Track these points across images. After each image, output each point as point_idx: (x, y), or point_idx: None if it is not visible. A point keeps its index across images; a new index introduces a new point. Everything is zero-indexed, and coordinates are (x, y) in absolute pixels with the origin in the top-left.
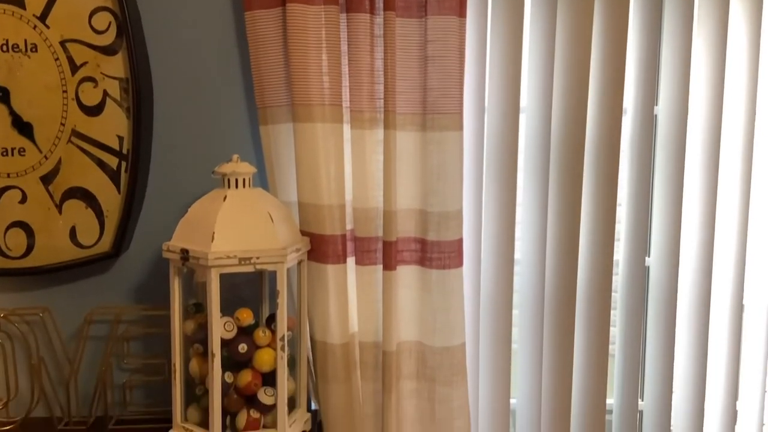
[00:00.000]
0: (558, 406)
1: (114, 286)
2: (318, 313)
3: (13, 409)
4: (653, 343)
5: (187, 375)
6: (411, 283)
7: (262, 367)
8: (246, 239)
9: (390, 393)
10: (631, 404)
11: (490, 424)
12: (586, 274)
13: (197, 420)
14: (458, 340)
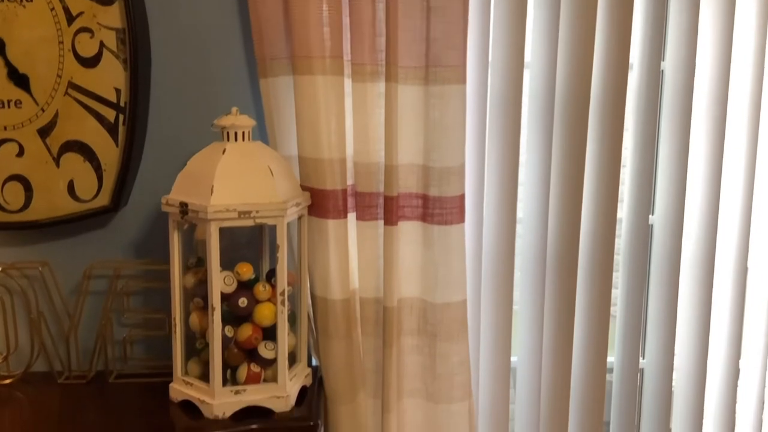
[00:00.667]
0: (558, 365)
1: (113, 240)
2: (318, 269)
3: (14, 363)
4: (655, 302)
5: (188, 329)
6: (412, 239)
7: (262, 322)
8: (245, 193)
9: (390, 348)
10: (632, 363)
11: (491, 381)
12: (589, 233)
13: (198, 373)
14: (459, 296)
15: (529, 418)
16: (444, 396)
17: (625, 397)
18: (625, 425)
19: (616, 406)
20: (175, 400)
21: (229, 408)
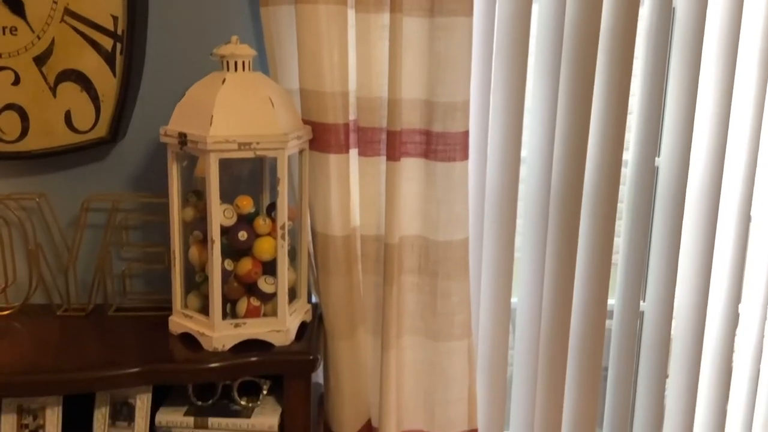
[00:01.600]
0: (559, 307)
1: (111, 173)
2: (319, 204)
3: (12, 296)
4: (657, 246)
5: (187, 263)
6: (415, 176)
7: (262, 256)
8: (246, 124)
9: (391, 286)
10: (633, 307)
11: (491, 322)
12: (594, 175)
13: (197, 307)
14: (461, 234)
15: (527, 360)
16: (444, 334)
17: (624, 341)
18: (624, 369)
19: (615, 350)
20: (175, 333)
21: (229, 341)
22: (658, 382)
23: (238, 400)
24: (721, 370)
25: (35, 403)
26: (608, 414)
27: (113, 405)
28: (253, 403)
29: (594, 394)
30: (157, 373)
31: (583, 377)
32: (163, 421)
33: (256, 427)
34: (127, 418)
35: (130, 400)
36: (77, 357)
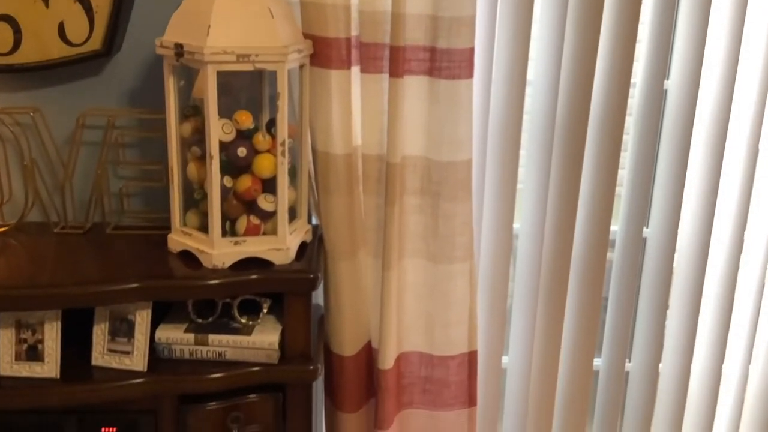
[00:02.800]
0: (562, 232)
1: (107, 88)
2: (320, 122)
3: (8, 213)
4: (664, 170)
5: (186, 180)
6: (418, 94)
7: (261, 173)
8: (244, 35)
9: (393, 206)
10: (636, 231)
11: (493, 245)
12: (601, 99)
13: (196, 225)
14: (465, 155)
15: (528, 286)
16: (445, 256)
17: (626, 271)
18: (625, 301)
19: (616, 280)
20: (174, 251)
21: (229, 258)
22: (658, 312)
23: (238, 318)
24: (723, 303)
25: (33, 318)
26: (607, 342)
27: (112, 321)
28: (254, 322)
29: (594, 322)
30: (156, 289)
31: (583, 305)
32: (163, 337)
33: (257, 344)
34: (126, 335)
35: (129, 316)
36: (75, 273)
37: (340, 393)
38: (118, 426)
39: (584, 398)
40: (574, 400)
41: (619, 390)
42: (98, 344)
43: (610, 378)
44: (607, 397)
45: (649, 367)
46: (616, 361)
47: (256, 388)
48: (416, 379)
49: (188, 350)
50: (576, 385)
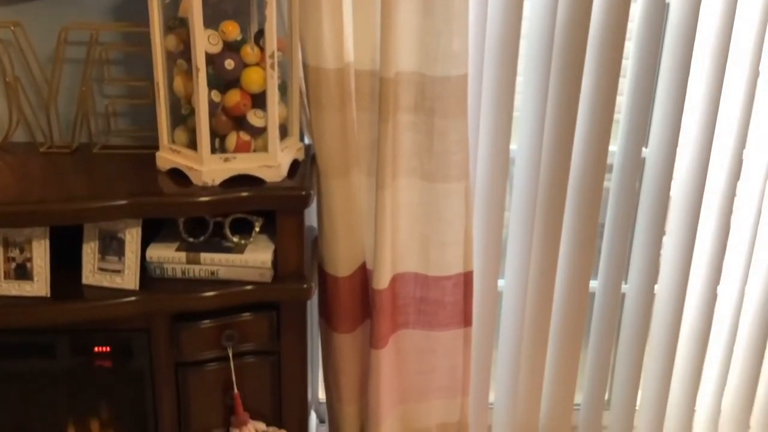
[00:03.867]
0: (559, 154)
1: (90, 1)
2: (310, 35)
3: None
4: (663, 92)
5: (173, 96)
6: (412, 6)
7: (250, 87)
8: None
9: (386, 123)
10: (635, 151)
11: (489, 165)
12: (601, 11)
13: (185, 142)
14: (461, 70)
15: (524, 207)
16: (440, 175)
17: (624, 193)
18: (622, 228)
19: (614, 203)
20: (163, 169)
21: (219, 175)
22: (655, 235)
23: (230, 237)
24: (720, 225)
25: (21, 236)
26: (603, 265)
27: (102, 239)
28: (246, 240)
29: (590, 244)
30: (144, 206)
31: (580, 227)
32: (155, 256)
33: (249, 262)
34: (117, 253)
35: (119, 234)
36: (62, 190)
37: (335, 314)
38: (112, 345)
39: (580, 320)
40: (570, 321)
41: (614, 312)
42: (88, 263)
43: (606, 300)
44: (602, 319)
45: (644, 289)
46: (612, 284)
47: (250, 307)
48: (411, 300)
49: (180, 269)
50: (571, 307)
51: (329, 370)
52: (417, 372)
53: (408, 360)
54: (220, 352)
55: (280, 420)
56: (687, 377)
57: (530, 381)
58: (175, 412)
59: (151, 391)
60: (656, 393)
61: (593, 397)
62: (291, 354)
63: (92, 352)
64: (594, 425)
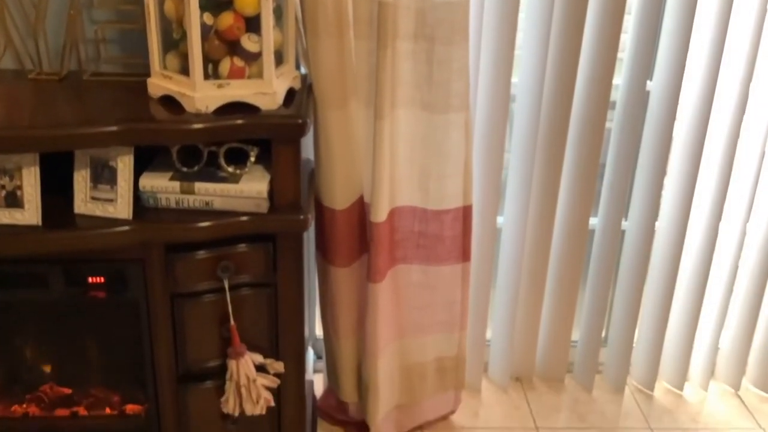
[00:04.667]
0: (561, 88)
1: None
2: None
3: None
4: (669, 25)
5: (164, 19)
6: None
7: (244, 10)
8: None
9: (385, 50)
10: (640, 85)
11: (490, 97)
12: None
13: (177, 68)
14: None
15: (525, 143)
16: (440, 105)
17: (627, 130)
18: (624, 164)
19: (616, 142)
20: (155, 96)
21: (212, 102)
22: (656, 173)
23: (225, 167)
24: (724, 163)
25: (10, 162)
26: (604, 202)
27: (94, 168)
28: (241, 171)
29: (591, 180)
30: (136, 133)
31: (581, 164)
32: (148, 185)
33: (245, 192)
34: (109, 182)
35: (111, 162)
36: (52, 116)
37: (332, 248)
38: (106, 275)
39: (579, 257)
40: (569, 258)
41: (614, 249)
42: (80, 191)
43: (606, 237)
44: (601, 256)
45: (645, 226)
46: (612, 220)
47: (246, 239)
48: (409, 234)
49: (174, 199)
50: (571, 243)
51: (326, 305)
52: (415, 307)
53: (406, 295)
54: (216, 284)
55: (277, 353)
56: (685, 315)
57: (528, 318)
58: (171, 344)
59: (146, 323)
60: (654, 330)
61: (590, 334)
62: (288, 286)
63: (86, 283)
64: (590, 362)
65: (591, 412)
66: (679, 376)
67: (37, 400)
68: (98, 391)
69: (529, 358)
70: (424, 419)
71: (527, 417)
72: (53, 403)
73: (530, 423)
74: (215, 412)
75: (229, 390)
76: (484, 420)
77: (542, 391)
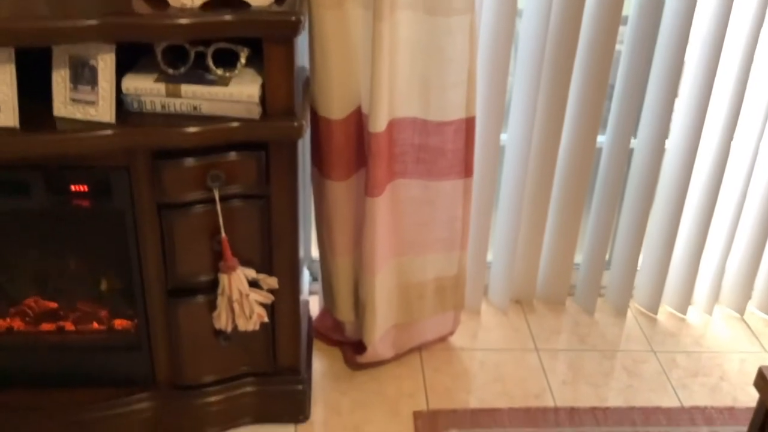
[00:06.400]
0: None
1: None
2: None
3: None
4: None
5: None
6: None
7: None
8: None
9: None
10: None
11: (494, 9)
12: None
13: None
14: None
15: (532, 58)
16: (443, 7)
17: (636, 52)
18: (633, 86)
19: (626, 63)
20: None
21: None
22: (668, 91)
23: (213, 69)
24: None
25: None
26: (612, 120)
27: (73, 67)
28: (230, 73)
29: (599, 96)
30: (118, 28)
31: (589, 80)
32: (131, 87)
33: (234, 96)
34: (90, 82)
35: (91, 61)
36: (30, 10)
37: (328, 160)
38: (89, 183)
39: (584, 176)
40: (574, 177)
41: (621, 167)
42: (59, 93)
43: (613, 155)
44: (608, 175)
45: (654, 144)
46: (621, 138)
47: (237, 146)
48: (409, 148)
49: (160, 102)
50: (577, 162)
51: (322, 221)
52: (414, 223)
53: (405, 211)
54: (206, 194)
55: (271, 268)
56: (693, 237)
57: (530, 239)
58: (160, 257)
59: (133, 235)
60: (659, 253)
61: (594, 257)
62: (281, 198)
63: (69, 191)
64: (593, 285)
65: (592, 334)
66: (684, 299)
67: (22, 314)
68: (85, 306)
69: (530, 280)
70: (422, 340)
71: (527, 339)
72: (38, 318)
73: (530, 345)
74: (207, 327)
75: (221, 305)
76: (483, 342)
77: (542, 314)
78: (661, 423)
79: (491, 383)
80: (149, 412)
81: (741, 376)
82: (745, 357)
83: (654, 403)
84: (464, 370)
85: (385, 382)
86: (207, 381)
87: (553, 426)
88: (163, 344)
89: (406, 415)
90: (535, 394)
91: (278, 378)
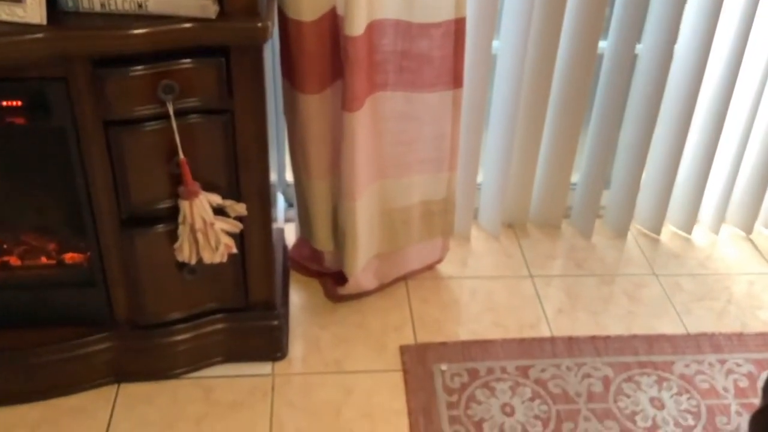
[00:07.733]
0: None
1: None
2: None
3: None
4: None
5: None
6: None
7: None
8: None
9: None
10: None
11: None
12: None
13: None
14: None
15: None
16: None
17: None
18: None
19: None
20: None
21: None
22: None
23: None
24: None
25: None
26: (615, 24)
27: None
28: None
29: (601, 3)
30: None
31: None
32: None
33: None
34: None
35: None
36: None
37: (300, 70)
38: (23, 98)
39: (584, 86)
40: (573, 87)
41: (624, 76)
42: None
43: (616, 62)
44: (610, 85)
45: (662, 49)
46: (625, 43)
47: (192, 52)
48: (391, 55)
49: (99, 1)
50: (576, 70)
51: (296, 142)
52: (398, 142)
53: (387, 127)
54: (159, 109)
55: (238, 194)
56: (700, 153)
57: (523, 157)
58: (111, 182)
59: (77, 157)
60: (664, 170)
61: (592, 175)
62: (247, 113)
63: (0, 107)
64: (591, 206)
65: (589, 258)
66: (689, 218)
67: None
68: (31, 238)
69: (523, 202)
70: (408, 269)
71: (520, 265)
72: None
73: (523, 271)
74: (169, 260)
75: (182, 235)
76: (473, 269)
77: (537, 238)
78: (666, 351)
79: (483, 313)
80: (110, 354)
81: (749, 299)
82: (753, 279)
83: (657, 330)
84: (454, 301)
85: (369, 315)
86: (172, 319)
87: (550, 357)
88: (120, 279)
89: (392, 349)
90: (530, 323)
91: (251, 313)
